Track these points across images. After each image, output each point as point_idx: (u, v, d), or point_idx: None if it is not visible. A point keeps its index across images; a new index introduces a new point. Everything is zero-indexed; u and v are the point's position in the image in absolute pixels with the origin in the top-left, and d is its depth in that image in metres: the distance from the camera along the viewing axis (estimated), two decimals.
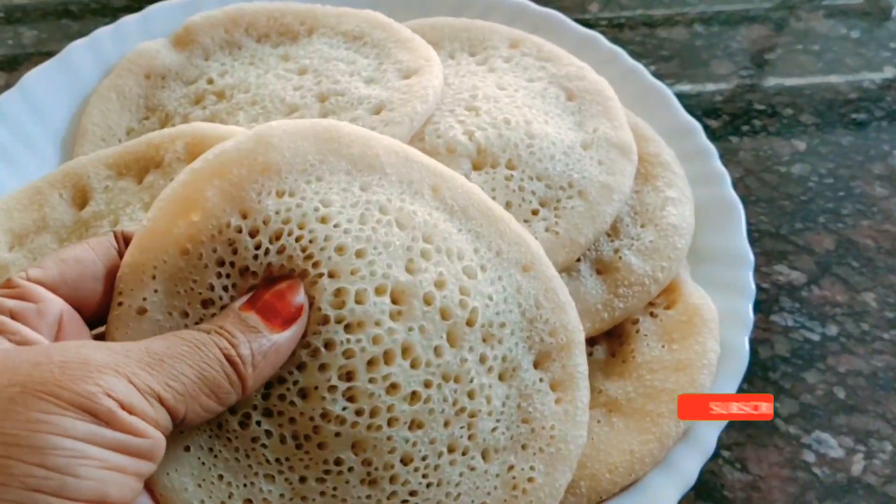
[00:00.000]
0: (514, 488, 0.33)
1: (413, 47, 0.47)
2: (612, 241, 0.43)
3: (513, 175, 0.42)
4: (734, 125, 0.60)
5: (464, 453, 0.32)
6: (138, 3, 0.55)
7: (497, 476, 0.33)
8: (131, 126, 0.49)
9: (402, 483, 0.31)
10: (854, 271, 0.51)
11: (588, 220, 0.41)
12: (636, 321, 0.42)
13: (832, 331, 0.48)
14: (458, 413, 0.32)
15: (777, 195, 0.55)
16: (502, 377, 0.33)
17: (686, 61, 0.65)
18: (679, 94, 0.52)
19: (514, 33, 0.51)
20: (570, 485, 0.35)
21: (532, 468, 0.33)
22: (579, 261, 0.42)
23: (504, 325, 0.33)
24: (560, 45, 0.51)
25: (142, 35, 0.52)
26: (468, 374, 0.32)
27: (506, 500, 0.33)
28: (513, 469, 0.33)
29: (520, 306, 0.34)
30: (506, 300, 0.34)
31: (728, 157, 0.56)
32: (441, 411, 0.32)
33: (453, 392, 0.32)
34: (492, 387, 0.33)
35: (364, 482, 0.31)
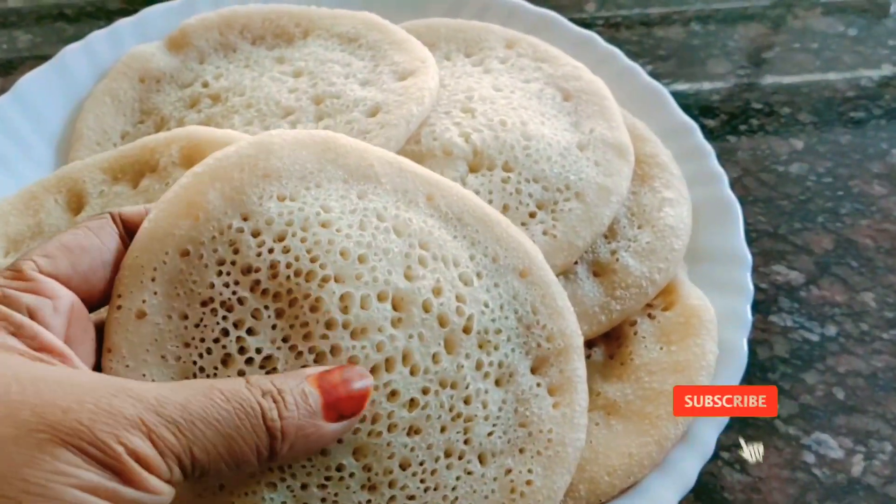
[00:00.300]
0: (512, 491, 0.33)
1: (408, 49, 0.46)
2: (609, 242, 0.43)
3: (509, 177, 0.42)
4: (731, 124, 0.60)
5: (460, 457, 0.32)
6: (133, 6, 0.55)
7: (495, 479, 0.33)
8: (126, 130, 0.48)
9: (401, 488, 0.31)
10: (853, 271, 0.51)
11: (585, 223, 0.41)
12: (634, 323, 0.42)
13: (831, 331, 0.48)
14: (454, 418, 0.32)
15: (775, 195, 0.55)
16: (499, 382, 0.34)
17: (683, 60, 0.64)
18: (676, 94, 0.52)
19: (510, 34, 0.51)
20: (569, 488, 0.35)
21: (530, 471, 0.33)
22: (576, 263, 0.42)
23: (500, 331, 0.34)
24: (556, 46, 0.50)
25: (137, 38, 0.52)
26: (464, 380, 0.32)
27: (504, 503, 0.33)
28: (510, 472, 0.33)
29: (516, 312, 0.34)
30: (502, 307, 0.34)
31: (726, 157, 0.56)
32: (438, 417, 0.32)
33: (450, 398, 0.32)
34: (488, 392, 0.33)
35: (364, 488, 0.31)
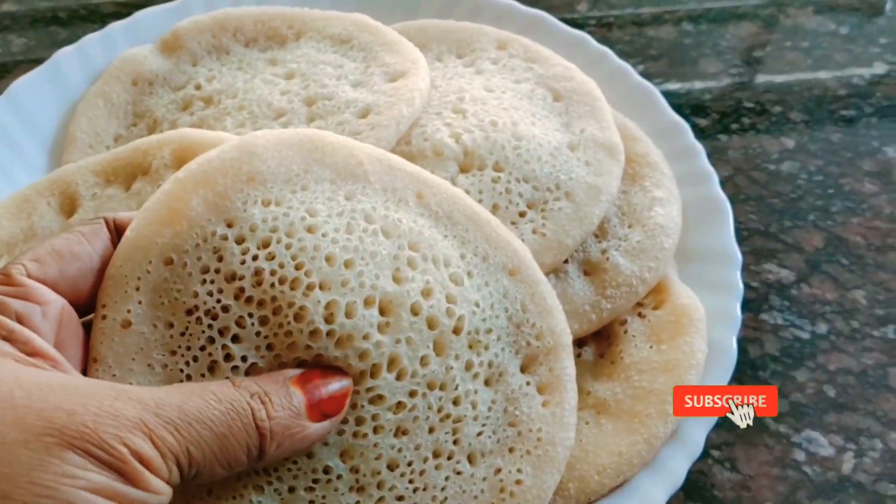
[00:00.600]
0: (501, 491, 0.33)
1: (400, 50, 0.47)
2: (599, 241, 0.43)
3: (500, 177, 0.42)
4: (723, 123, 0.60)
5: (449, 458, 0.32)
6: (126, 10, 0.55)
7: (484, 479, 0.33)
8: (119, 133, 0.49)
9: (390, 488, 0.31)
10: (844, 269, 0.51)
11: (575, 222, 0.41)
12: (624, 322, 0.42)
13: (822, 329, 0.48)
14: (443, 419, 0.32)
15: (766, 193, 0.55)
16: (488, 382, 0.34)
17: (675, 60, 0.64)
18: (668, 93, 0.52)
19: (502, 35, 0.51)
20: (559, 486, 0.35)
21: (520, 470, 0.33)
22: (567, 262, 0.42)
23: (490, 330, 0.33)
24: (548, 46, 0.51)
25: (130, 41, 0.52)
26: (453, 381, 0.32)
27: (493, 503, 0.33)
28: (500, 472, 0.33)
29: (506, 311, 0.34)
30: (492, 306, 0.34)
31: (717, 156, 0.56)
32: (426, 418, 0.32)
33: (438, 399, 0.32)
34: (477, 392, 0.33)
35: (353, 489, 0.31)
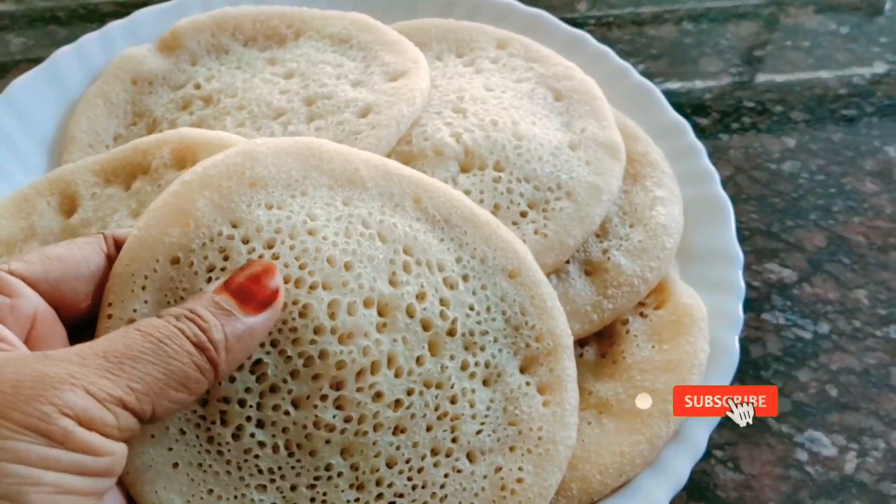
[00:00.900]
0: (502, 489, 0.33)
1: (400, 49, 0.46)
2: (600, 241, 0.43)
3: (501, 177, 0.42)
4: (724, 123, 0.60)
5: (448, 455, 0.33)
6: (125, 9, 0.55)
7: (485, 477, 0.33)
8: (118, 132, 0.48)
9: (388, 485, 0.32)
10: (845, 268, 0.51)
11: (577, 222, 0.41)
12: (626, 322, 0.42)
13: (824, 328, 0.48)
14: (440, 417, 0.33)
15: (767, 193, 0.55)
16: (486, 382, 0.34)
17: (675, 59, 0.64)
18: (668, 93, 0.52)
19: (502, 34, 0.51)
20: (561, 486, 0.35)
21: (521, 469, 0.33)
22: (568, 262, 0.42)
23: (486, 332, 0.34)
24: (548, 45, 0.50)
25: (129, 40, 0.52)
26: (449, 380, 0.33)
27: (494, 501, 0.33)
28: (501, 470, 0.33)
29: (504, 314, 0.34)
30: (489, 308, 0.34)
31: (718, 155, 0.56)
32: (423, 416, 0.32)
33: (435, 398, 0.32)
34: (475, 391, 0.33)
35: (353, 486, 0.32)
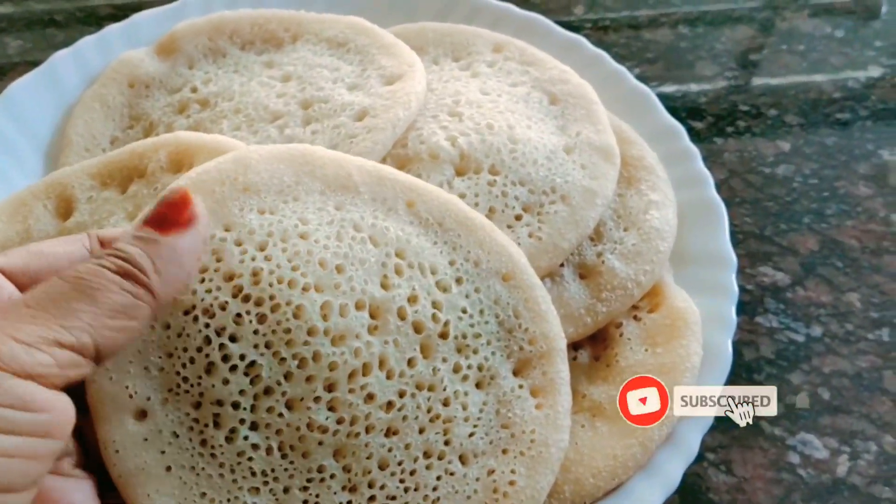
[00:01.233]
0: (494, 491, 0.33)
1: (396, 53, 0.47)
2: (594, 245, 0.43)
3: (496, 180, 0.42)
4: (719, 126, 0.60)
5: (440, 458, 0.33)
6: (123, 12, 0.55)
7: (477, 480, 0.33)
8: (115, 135, 0.49)
9: (381, 487, 0.32)
10: (838, 272, 0.51)
11: (571, 225, 0.41)
12: (620, 325, 0.42)
13: (817, 332, 0.48)
14: (432, 420, 0.33)
15: (761, 196, 0.55)
16: (479, 385, 0.34)
17: (671, 63, 0.65)
18: (664, 96, 0.52)
19: (498, 38, 0.51)
20: (554, 489, 0.35)
21: (513, 471, 0.33)
22: (562, 266, 0.42)
23: (479, 335, 0.34)
24: (544, 49, 0.51)
25: (126, 44, 0.52)
26: (441, 382, 0.33)
27: (487, 503, 0.33)
28: (493, 473, 0.33)
29: (497, 317, 0.35)
30: (482, 311, 0.34)
31: (712, 159, 0.56)
32: (415, 418, 0.33)
33: (427, 400, 0.33)
34: (468, 394, 0.34)
35: (345, 489, 0.32)
